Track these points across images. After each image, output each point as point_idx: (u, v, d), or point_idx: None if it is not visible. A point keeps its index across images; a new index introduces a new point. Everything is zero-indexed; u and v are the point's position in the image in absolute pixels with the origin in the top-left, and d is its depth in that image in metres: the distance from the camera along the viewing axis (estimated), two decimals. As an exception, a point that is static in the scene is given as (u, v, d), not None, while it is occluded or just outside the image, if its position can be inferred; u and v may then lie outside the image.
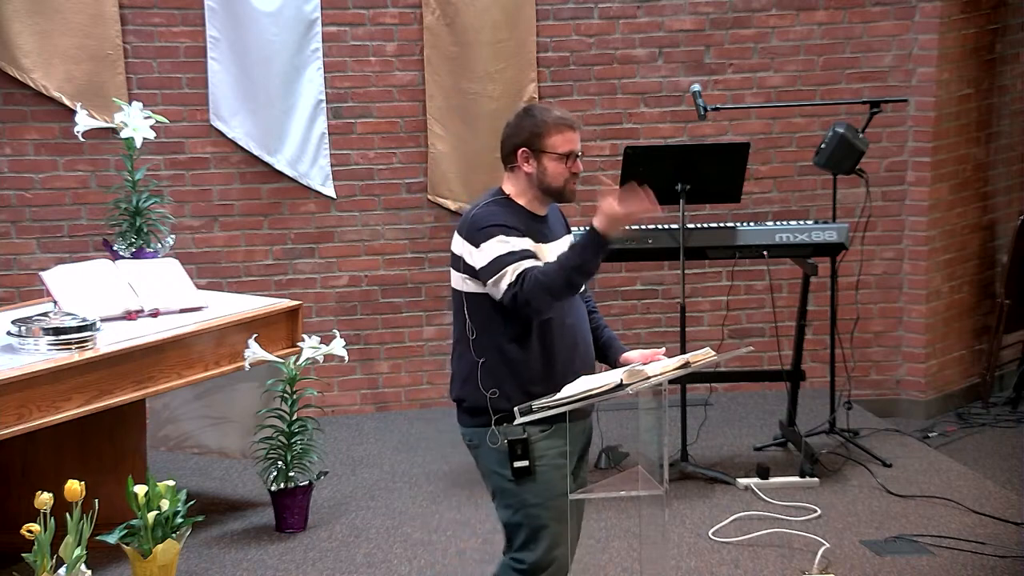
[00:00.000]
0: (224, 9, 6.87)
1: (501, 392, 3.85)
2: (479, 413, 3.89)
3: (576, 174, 3.90)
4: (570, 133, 3.89)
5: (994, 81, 7.52)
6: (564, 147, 3.87)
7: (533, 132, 3.89)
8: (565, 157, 3.87)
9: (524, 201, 3.92)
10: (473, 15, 7.04)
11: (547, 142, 3.87)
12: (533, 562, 3.90)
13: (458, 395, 3.97)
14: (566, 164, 3.88)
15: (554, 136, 3.87)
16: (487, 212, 3.88)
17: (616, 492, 4.04)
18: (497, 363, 3.86)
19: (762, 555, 5.34)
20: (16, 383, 4.68)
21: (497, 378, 3.86)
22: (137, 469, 5.33)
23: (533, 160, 3.88)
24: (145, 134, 5.99)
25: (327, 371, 6.90)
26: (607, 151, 7.23)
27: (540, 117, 3.90)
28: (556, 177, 3.88)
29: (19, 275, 6.83)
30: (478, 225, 3.85)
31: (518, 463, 3.83)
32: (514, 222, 3.84)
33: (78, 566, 4.43)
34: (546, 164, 3.87)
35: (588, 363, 3.98)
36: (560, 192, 3.90)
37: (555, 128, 3.87)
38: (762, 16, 7.23)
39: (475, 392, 3.88)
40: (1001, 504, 5.85)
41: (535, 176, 3.89)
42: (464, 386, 3.92)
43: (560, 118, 3.90)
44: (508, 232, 3.81)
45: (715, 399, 7.20)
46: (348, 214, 7.18)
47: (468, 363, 3.91)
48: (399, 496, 6.08)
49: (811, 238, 6.21)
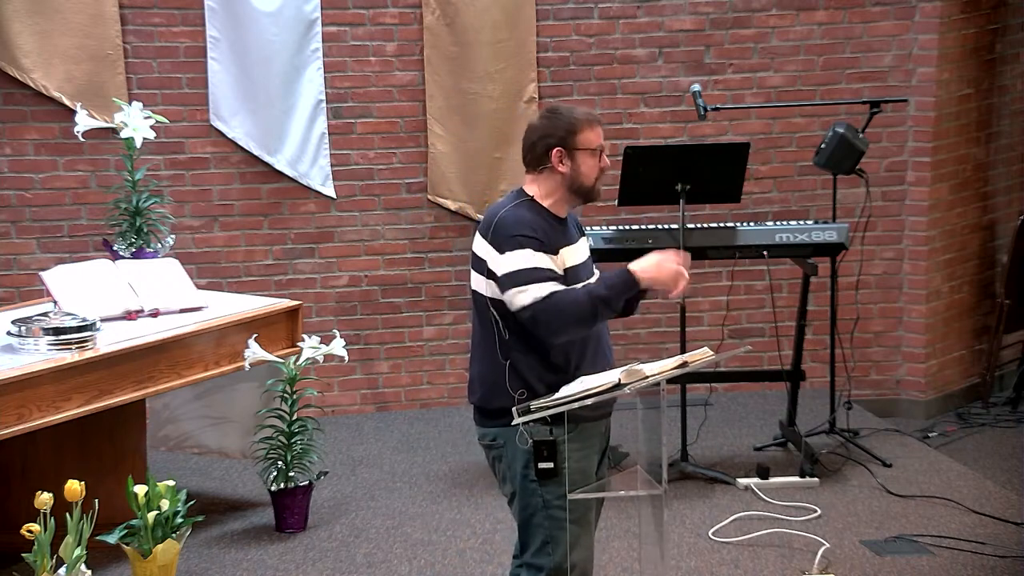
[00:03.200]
0: (224, 9, 6.88)
1: (529, 393, 3.82)
2: (505, 414, 3.80)
3: (604, 170, 3.95)
4: (599, 128, 3.95)
5: (994, 81, 7.52)
6: (596, 141, 3.92)
7: (568, 130, 3.89)
8: (597, 152, 3.92)
9: (549, 203, 3.92)
10: (473, 15, 7.04)
11: (580, 139, 3.89)
12: (552, 567, 3.85)
13: (483, 396, 3.92)
14: (597, 160, 3.92)
15: (587, 132, 3.90)
16: (516, 218, 3.85)
17: (616, 492, 4.04)
18: (525, 364, 3.83)
19: (762, 555, 5.35)
20: (16, 383, 4.68)
21: (525, 379, 3.84)
22: (137, 469, 5.34)
23: (567, 159, 3.89)
24: (145, 134, 5.99)
25: (327, 371, 6.91)
26: (607, 151, 7.21)
27: (570, 115, 3.92)
28: (589, 174, 3.91)
29: (19, 275, 6.83)
30: (507, 231, 3.82)
31: (543, 464, 3.79)
32: (544, 233, 3.83)
33: (78, 566, 4.43)
34: (580, 161, 3.89)
35: (609, 361, 3.98)
36: (590, 190, 3.93)
37: (587, 124, 3.91)
38: (762, 16, 7.23)
39: (502, 393, 3.84)
40: (1001, 504, 5.85)
41: (568, 176, 3.90)
42: (491, 388, 3.88)
43: (588, 114, 3.95)
44: (536, 246, 3.80)
45: (715, 399, 7.20)
46: (348, 214, 7.18)
47: (494, 365, 3.88)
48: (399, 496, 6.08)
49: (811, 238, 6.21)
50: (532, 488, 3.84)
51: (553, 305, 3.74)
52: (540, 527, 3.86)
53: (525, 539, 3.92)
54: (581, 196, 3.94)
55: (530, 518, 3.88)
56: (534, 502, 3.85)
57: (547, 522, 3.85)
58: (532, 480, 3.83)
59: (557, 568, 3.85)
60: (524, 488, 3.87)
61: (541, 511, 3.85)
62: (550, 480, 3.80)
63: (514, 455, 3.86)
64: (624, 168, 6.06)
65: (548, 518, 3.84)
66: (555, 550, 3.85)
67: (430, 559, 5.37)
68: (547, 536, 3.85)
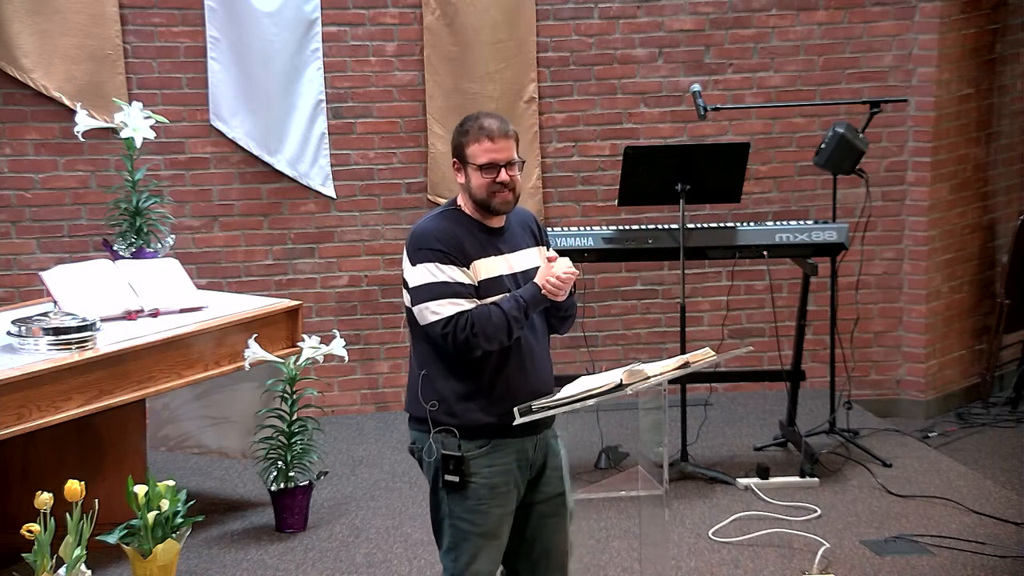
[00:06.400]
0: (224, 9, 6.87)
1: (441, 404, 3.81)
2: (423, 422, 3.84)
3: (504, 184, 3.77)
4: (488, 143, 3.75)
5: (994, 81, 7.52)
6: (482, 158, 3.75)
7: (458, 143, 3.82)
8: (482, 168, 3.77)
9: (470, 211, 3.85)
10: (473, 15, 7.04)
11: (467, 152, 3.79)
12: (455, 572, 3.88)
13: (406, 402, 3.95)
14: (484, 174, 3.76)
15: (472, 146, 3.78)
16: (427, 229, 3.81)
17: (616, 492, 4.04)
18: (437, 376, 3.82)
19: (762, 555, 5.35)
20: (16, 383, 4.67)
21: (436, 389, 3.82)
22: (137, 469, 5.33)
23: (462, 171, 3.82)
24: (145, 134, 5.99)
25: (327, 371, 6.91)
26: (607, 151, 7.23)
27: (465, 127, 3.81)
28: (479, 189, 3.78)
29: (19, 275, 6.83)
30: (416, 243, 3.79)
31: (449, 477, 3.80)
32: (454, 244, 3.75)
33: (78, 566, 4.43)
34: (470, 175, 3.79)
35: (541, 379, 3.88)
36: (486, 204, 3.79)
37: (474, 139, 3.77)
38: (762, 16, 7.23)
39: (418, 402, 3.85)
40: (1001, 504, 5.85)
41: (465, 187, 3.83)
42: (412, 395, 3.90)
43: (481, 127, 3.77)
44: (443, 259, 3.74)
45: (715, 399, 7.20)
46: (348, 214, 7.18)
47: (412, 374, 3.91)
48: (399, 496, 6.08)
49: (811, 238, 6.21)
50: (441, 496, 3.87)
51: (465, 327, 3.69)
52: (446, 533, 3.89)
53: (436, 537, 3.95)
54: (481, 208, 3.81)
55: (439, 523, 3.91)
56: (442, 509, 3.88)
57: (451, 530, 3.87)
58: (441, 488, 3.85)
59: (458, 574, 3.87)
60: (433, 494, 3.90)
61: (447, 519, 3.87)
62: (456, 492, 3.82)
63: (428, 463, 3.88)
64: (624, 168, 6.06)
65: (452, 527, 3.86)
66: (458, 557, 3.87)
67: (430, 559, 5.36)
68: (451, 543, 3.88)
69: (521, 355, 3.83)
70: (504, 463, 3.83)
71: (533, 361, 3.86)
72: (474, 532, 3.83)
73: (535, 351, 3.87)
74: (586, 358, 6.88)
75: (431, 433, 3.82)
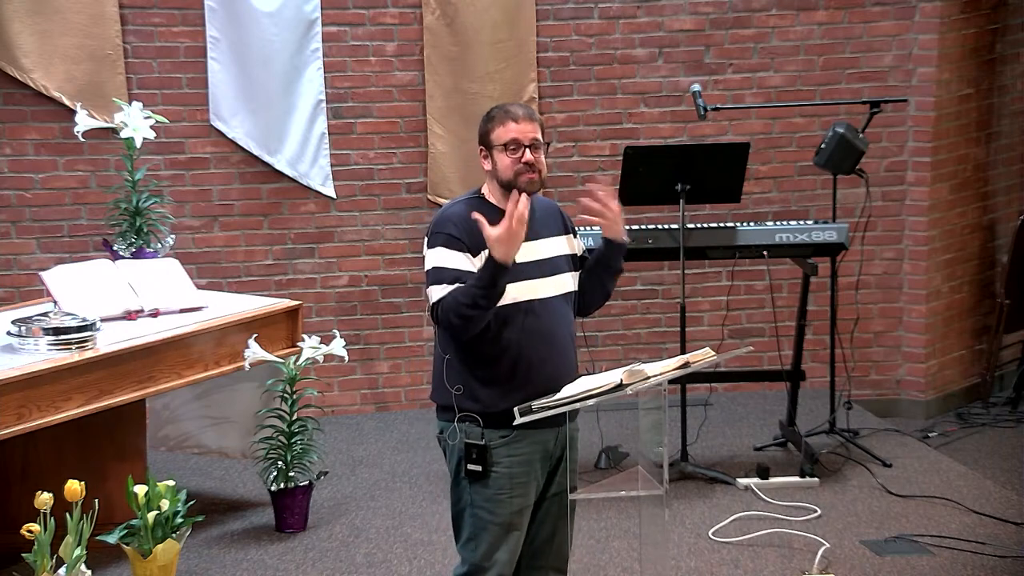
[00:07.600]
0: (224, 9, 6.87)
1: (465, 389, 3.84)
2: (449, 409, 3.88)
3: (530, 164, 3.84)
4: (512, 124, 3.84)
5: (994, 81, 7.52)
6: (505, 137, 3.84)
7: (484, 130, 3.91)
8: (507, 147, 3.84)
9: (496, 199, 3.90)
10: (473, 15, 7.04)
11: (492, 136, 3.87)
12: (473, 563, 3.90)
13: (432, 391, 3.97)
14: (509, 154, 3.84)
15: (497, 129, 3.87)
16: (446, 214, 3.89)
17: (616, 492, 4.04)
18: (459, 361, 3.85)
19: (762, 555, 5.34)
20: (16, 383, 4.67)
21: (460, 375, 3.85)
22: (137, 469, 5.33)
23: (489, 157, 3.90)
24: (145, 134, 5.99)
25: (327, 371, 6.91)
26: (607, 151, 7.23)
27: (491, 114, 3.92)
28: (505, 169, 3.85)
29: (19, 275, 6.83)
30: (433, 227, 3.88)
31: (472, 466, 3.83)
32: (467, 231, 3.79)
33: (78, 566, 4.43)
34: (496, 158, 3.87)
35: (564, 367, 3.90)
36: (512, 185, 3.84)
37: (498, 121, 3.87)
38: (762, 16, 7.23)
39: (444, 389, 3.88)
40: (1001, 504, 5.85)
41: (492, 173, 3.90)
42: (438, 383, 3.92)
43: (506, 112, 3.88)
44: (451, 244, 3.80)
45: (715, 399, 7.20)
46: (348, 214, 7.18)
47: (437, 360, 3.93)
48: (399, 496, 6.08)
49: (811, 238, 6.20)
50: (463, 485, 3.90)
51: (445, 308, 3.75)
52: (466, 523, 3.92)
53: (456, 528, 3.98)
54: (507, 190, 3.86)
55: (460, 512, 3.94)
56: (464, 499, 3.91)
57: (472, 520, 3.90)
58: (463, 477, 3.88)
59: (477, 566, 3.90)
60: (456, 484, 3.93)
61: (468, 508, 3.90)
62: (478, 482, 3.85)
63: (452, 451, 3.91)
64: (624, 168, 6.06)
65: (473, 516, 3.89)
66: (477, 547, 3.90)
67: (430, 559, 5.37)
68: (471, 533, 3.91)
69: (543, 340, 3.85)
70: (525, 453, 3.86)
71: (555, 347, 3.87)
72: (494, 522, 3.86)
73: (557, 337, 3.88)
74: (586, 358, 6.87)
75: (455, 419, 3.85)
